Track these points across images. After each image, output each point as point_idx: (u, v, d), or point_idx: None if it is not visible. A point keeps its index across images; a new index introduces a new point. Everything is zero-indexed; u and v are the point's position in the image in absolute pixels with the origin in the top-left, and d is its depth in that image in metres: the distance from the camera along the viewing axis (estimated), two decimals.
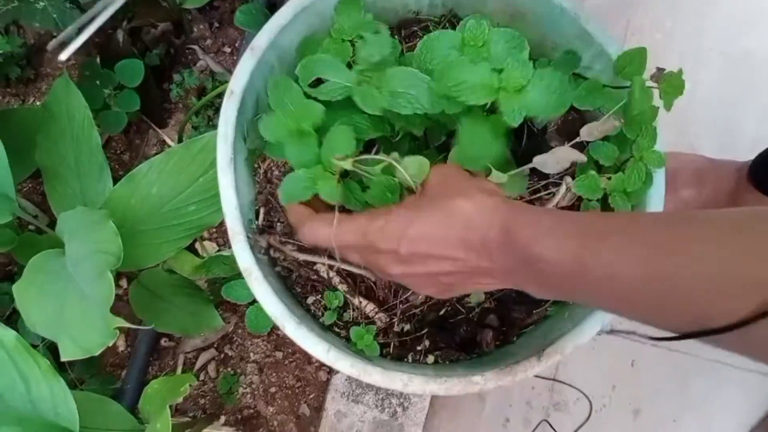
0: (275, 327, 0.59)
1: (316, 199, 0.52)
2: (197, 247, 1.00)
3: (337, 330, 0.65)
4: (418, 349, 0.65)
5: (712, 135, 1.20)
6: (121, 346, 1.05)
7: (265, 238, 0.63)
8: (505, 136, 0.53)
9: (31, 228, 0.99)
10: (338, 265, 0.59)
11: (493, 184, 0.53)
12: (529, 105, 0.50)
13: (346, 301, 0.65)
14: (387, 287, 0.65)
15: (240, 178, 0.60)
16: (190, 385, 0.71)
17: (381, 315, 0.64)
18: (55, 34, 0.98)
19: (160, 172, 0.74)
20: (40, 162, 0.79)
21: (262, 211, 0.66)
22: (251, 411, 1.06)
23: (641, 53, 0.57)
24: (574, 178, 0.60)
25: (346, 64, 0.54)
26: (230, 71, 1.08)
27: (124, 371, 1.03)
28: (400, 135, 0.57)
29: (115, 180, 0.76)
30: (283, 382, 1.06)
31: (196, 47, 1.09)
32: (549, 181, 0.65)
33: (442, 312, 0.66)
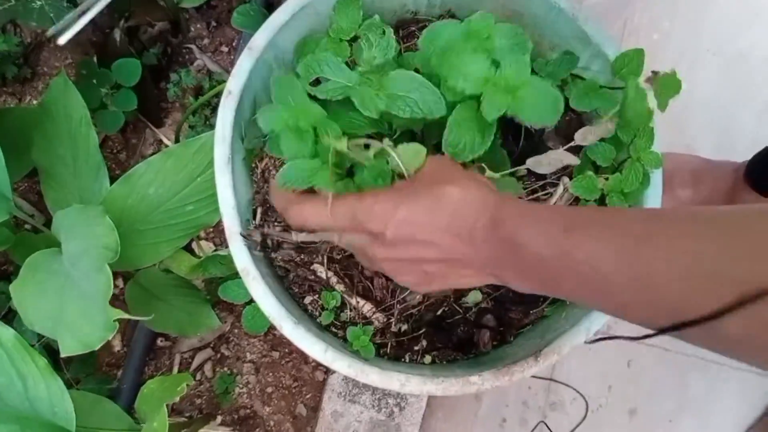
0: (272, 327, 0.59)
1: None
2: (194, 246, 1.00)
3: (334, 330, 0.65)
4: (416, 349, 0.65)
5: (709, 135, 1.21)
6: (117, 346, 1.05)
7: (259, 231, 0.63)
8: (493, 132, 0.53)
9: (27, 227, 0.99)
10: (336, 243, 0.58)
11: (486, 178, 0.52)
12: (517, 107, 0.50)
13: (344, 301, 0.65)
14: (384, 287, 0.65)
15: (237, 178, 0.60)
16: (187, 385, 0.71)
17: (378, 315, 0.64)
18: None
19: (157, 172, 0.73)
20: (37, 161, 0.79)
21: (260, 210, 0.66)
22: (248, 411, 1.05)
23: (639, 54, 0.57)
24: (571, 178, 0.60)
25: (344, 64, 0.55)
26: (227, 71, 1.08)
27: (120, 371, 1.03)
28: (398, 133, 0.57)
29: (112, 179, 0.76)
30: (280, 382, 1.06)
31: (194, 46, 1.09)
32: (547, 181, 0.65)
33: (439, 312, 0.66)
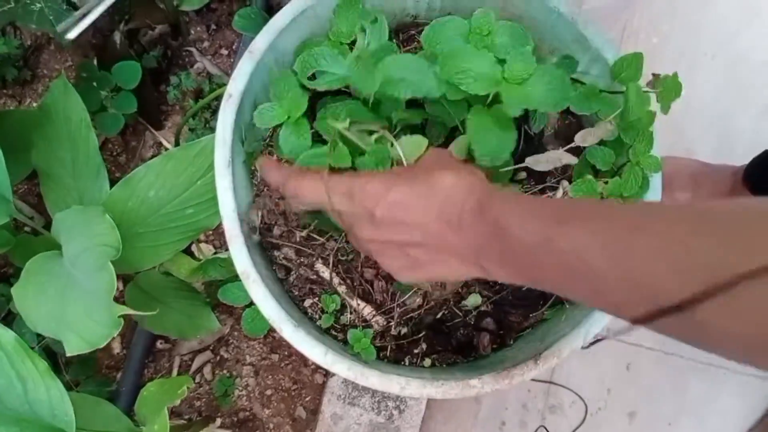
0: (271, 329, 0.59)
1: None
2: (194, 249, 1.00)
3: (334, 333, 0.65)
4: (416, 352, 0.65)
5: (708, 139, 1.21)
6: (117, 348, 1.05)
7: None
8: (513, 128, 0.53)
9: (27, 229, 0.99)
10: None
11: (482, 172, 0.53)
12: (530, 98, 0.50)
13: (343, 304, 0.65)
14: (384, 291, 0.65)
15: (238, 181, 0.60)
16: (188, 388, 0.71)
17: (378, 318, 0.64)
18: (52, 35, 0.98)
19: (157, 175, 0.73)
20: (37, 164, 0.79)
21: (260, 213, 0.66)
22: (247, 414, 1.05)
23: (638, 58, 0.57)
24: (571, 182, 0.60)
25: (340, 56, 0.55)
26: (227, 73, 1.08)
27: (119, 373, 1.02)
28: (399, 128, 0.58)
29: (112, 182, 0.76)
30: (279, 385, 1.06)
31: (194, 49, 1.09)
32: (546, 185, 0.65)
33: (439, 315, 0.66)
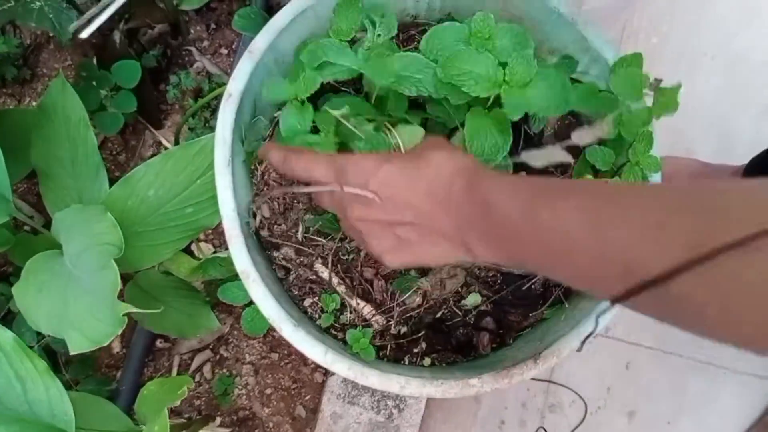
0: (271, 328, 0.59)
1: None
2: (193, 248, 1.00)
3: (334, 332, 0.65)
4: (415, 351, 0.65)
5: (708, 139, 1.21)
6: (116, 348, 1.05)
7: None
8: (511, 131, 0.54)
9: (26, 229, 0.99)
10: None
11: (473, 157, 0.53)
12: (531, 102, 0.50)
13: (343, 303, 0.65)
14: (384, 290, 0.65)
15: (237, 180, 0.60)
16: (188, 388, 0.71)
17: (378, 317, 0.64)
18: (51, 34, 0.98)
19: (157, 174, 0.73)
20: (36, 163, 0.79)
21: (260, 212, 0.66)
22: (247, 412, 1.05)
23: (637, 59, 0.57)
24: None
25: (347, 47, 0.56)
26: (227, 73, 1.08)
27: (119, 372, 1.03)
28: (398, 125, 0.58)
29: (111, 181, 0.76)
30: (279, 384, 1.06)
31: (193, 49, 1.09)
32: None
33: (438, 315, 0.66)
